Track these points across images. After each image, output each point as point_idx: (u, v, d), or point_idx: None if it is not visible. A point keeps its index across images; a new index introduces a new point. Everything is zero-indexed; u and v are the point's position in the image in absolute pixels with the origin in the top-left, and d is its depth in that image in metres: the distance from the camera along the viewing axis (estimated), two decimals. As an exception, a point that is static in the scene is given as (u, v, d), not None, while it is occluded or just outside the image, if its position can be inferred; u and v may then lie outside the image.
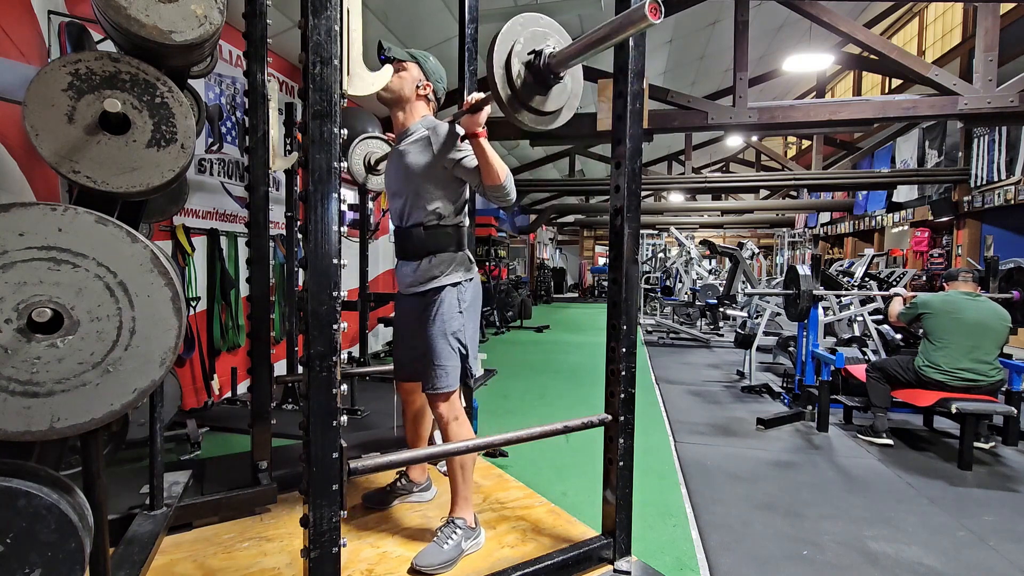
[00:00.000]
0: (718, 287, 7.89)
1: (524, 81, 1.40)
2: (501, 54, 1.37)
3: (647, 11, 1.14)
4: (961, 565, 2.16)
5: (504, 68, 1.38)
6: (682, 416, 4.19)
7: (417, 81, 1.91)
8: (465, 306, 1.91)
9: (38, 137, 1.18)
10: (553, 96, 1.47)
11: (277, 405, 3.84)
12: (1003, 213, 8.63)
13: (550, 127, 1.55)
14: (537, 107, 1.44)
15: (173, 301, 1.19)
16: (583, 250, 23.00)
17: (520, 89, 1.40)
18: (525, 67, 1.40)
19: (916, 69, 4.81)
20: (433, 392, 1.86)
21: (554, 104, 1.47)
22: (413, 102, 1.93)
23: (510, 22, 1.40)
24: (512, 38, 1.39)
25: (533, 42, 1.41)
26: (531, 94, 1.42)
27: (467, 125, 1.70)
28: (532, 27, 1.42)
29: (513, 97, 1.42)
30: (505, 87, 1.40)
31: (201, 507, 2.05)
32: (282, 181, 4.09)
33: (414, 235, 1.89)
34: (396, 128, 1.98)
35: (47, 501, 1.06)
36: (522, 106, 1.43)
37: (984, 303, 3.38)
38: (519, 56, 1.39)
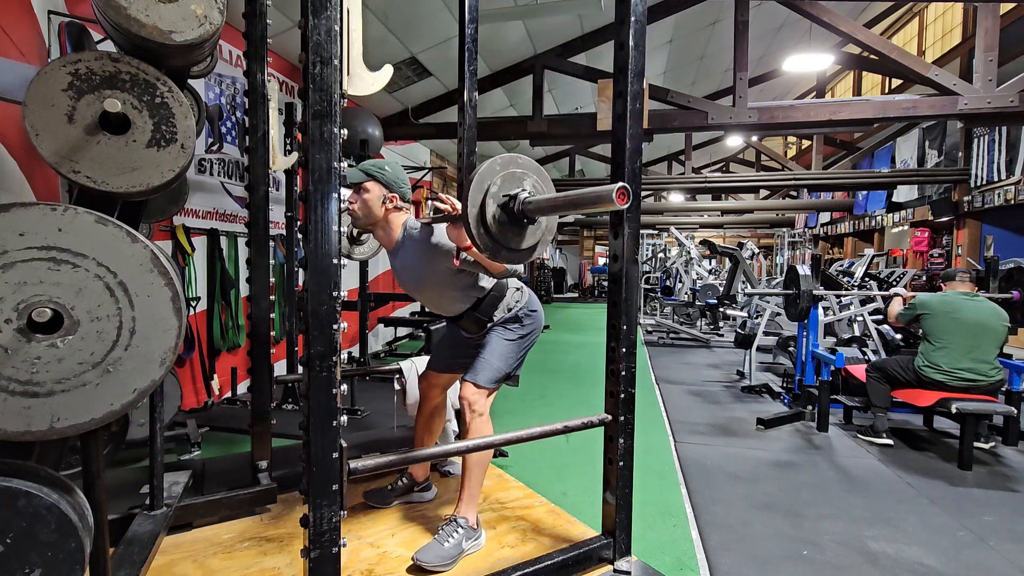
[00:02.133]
0: (718, 287, 7.89)
1: (500, 224, 1.43)
2: (477, 195, 1.41)
3: (615, 196, 1.22)
4: (961, 565, 2.16)
5: (480, 220, 1.42)
6: (682, 416, 4.19)
7: (382, 198, 1.92)
8: (526, 324, 2.05)
9: (38, 137, 1.18)
10: (528, 234, 1.51)
11: (277, 405, 3.84)
12: (1003, 213, 8.63)
13: (526, 260, 1.59)
14: (514, 247, 1.48)
15: (173, 301, 1.19)
16: (583, 250, 22.99)
17: (496, 233, 1.43)
18: (500, 209, 1.44)
19: (916, 69, 4.81)
20: (473, 381, 1.93)
21: (529, 242, 1.51)
22: (387, 218, 1.95)
23: (487, 163, 1.43)
24: (488, 179, 1.42)
25: (509, 183, 1.45)
26: (507, 236, 1.46)
27: (456, 241, 1.73)
28: (510, 167, 1.46)
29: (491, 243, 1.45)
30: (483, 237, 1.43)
31: (201, 507, 2.05)
32: (282, 181, 4.09)
33: (467, 320, 2.02)
34: (383, 244, 2.02)
35: (47, 501, 1.06)
36: (499, 247, 1.47)
37: (983, 303, 3.38)
38: (494, 198, 1.42)
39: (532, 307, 2.07)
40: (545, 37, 6.05)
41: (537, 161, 5.95)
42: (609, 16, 1.80)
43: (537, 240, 1.53)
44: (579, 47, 6.25)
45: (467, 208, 1.38)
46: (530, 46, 6.13)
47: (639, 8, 1.64)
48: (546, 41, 6.14)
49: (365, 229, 2.00)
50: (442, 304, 2.04)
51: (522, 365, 2.07)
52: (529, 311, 2.05)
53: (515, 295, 2.05)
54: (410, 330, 7.51)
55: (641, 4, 1.64)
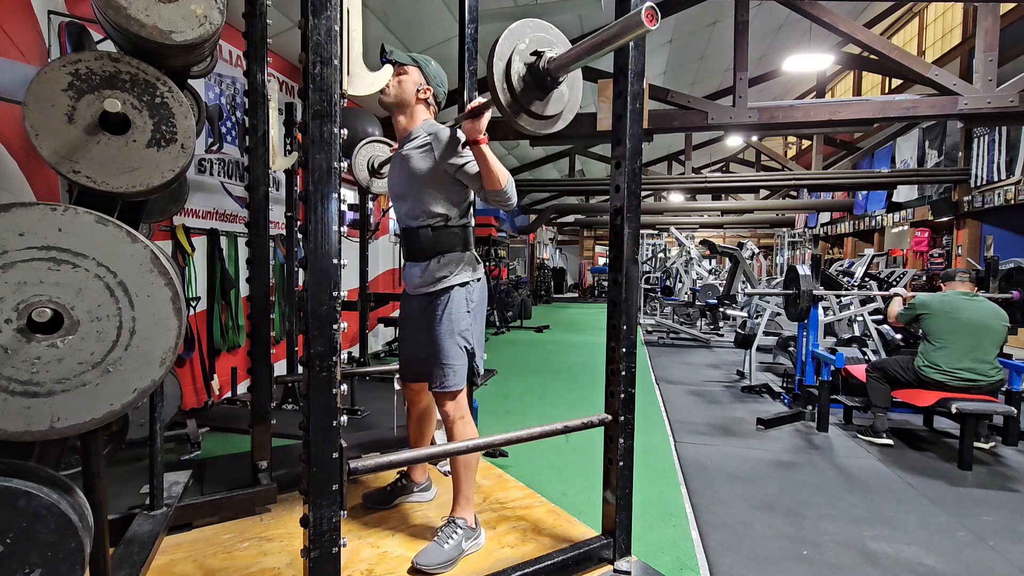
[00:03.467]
0: (718, 287, 7.89)
1: (524, 82, 1.41)
2: (505, 50, 1.38)
3: (643, 17, 1.15)
4: (961, 565, 2.16)
5: (505, 67, 1.39)
6: (682, 416, 4.19)
7: (418, 85, 1.92)
8: (473, 306, 1.93)
9: (38, 137, 1.18)
10: (552, 101, 1.48)
11: (277, 405, 3.84)
12: (1003, 213, 8.63)
13: (547, 131, 1.57)
14: (536, 111, 1.45)
15: (173, 301, 1.19)
16: (583, 250, 23.00)
17: (520, 92, 1.41)
18: (526, 68, 1.41)
19: (916, 69, 4.81)
20: (441, 391, 1.89)
21: (552, 109, 1.48)
22: (414, 106, 1.94)
23: (519, 22, 1.41)
24: (518, 37, 1.40)
25: (537, 44, 1.43)
26: (530, 97, 1.43)
27: (468, 132, 1.69)
28: (540, 32, 1.44)
29: (512, 100, 1.43)
30: (505, 90, 1.41)
31: (201, 507, 2.05)
32: (282, 181, 4.09)
33: (421, 236, 1.90)
34: (398, 132, 1.99)
35: (47, 501, 1.06)
36: (520, 108, 1.43)
37: (982, 303, 3.38)
38: (521, 55, 1.39)
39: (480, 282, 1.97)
40: (545, 37, 6.05)
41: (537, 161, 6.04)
42: (609, 16, 1.79)
43: (559, 111, 1.50)
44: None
45: (492, 67, 1.35)
46: (530, 46, 6.13)
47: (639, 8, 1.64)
48: (546, 41, 6.14)
49: (390, 109, 1.94)
50: (412, 208, 1.92)
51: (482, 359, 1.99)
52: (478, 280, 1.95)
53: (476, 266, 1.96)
54: (410, 330, 7.50)
55: (641, 4, 1.64)
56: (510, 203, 1.82)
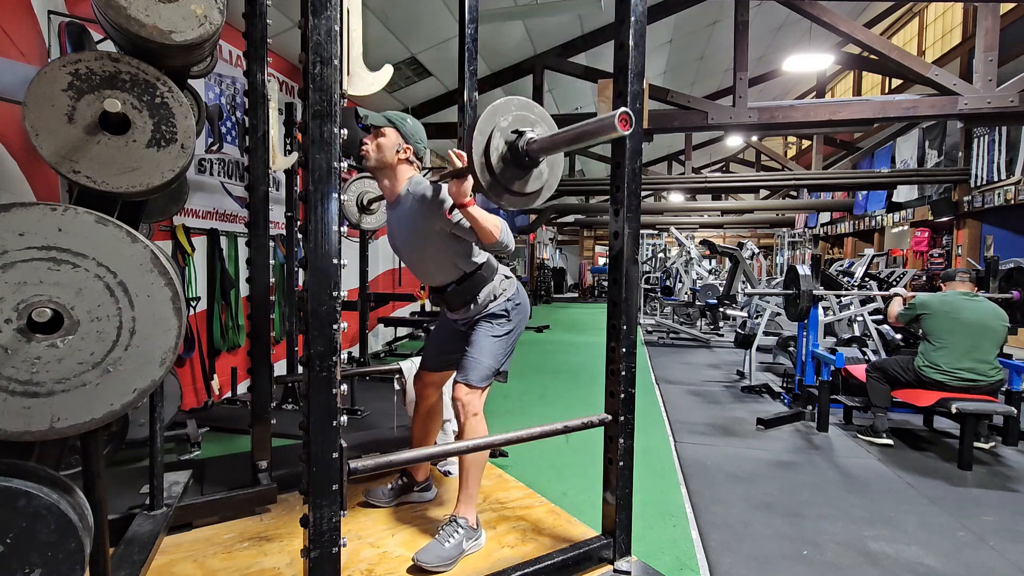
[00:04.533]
0: (718, 287, 7.89)
1: (504, 163, 1.42)
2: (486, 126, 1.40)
3: (616, 122, 1.20)
4: (961, 565, 2.16)
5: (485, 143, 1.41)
6: (682, 416, 4.19)
7: (397, 146, 1.92)
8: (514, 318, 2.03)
9: (38, 137, 1.18)
10: (531, 179, 1.50)
11: (277, 405, 3.84)
12: (1003, 213, 8.63)
13: (527, 207, 1.60)
14: (516, 189, 1.47)
15: (173, 301, 1.19)
16: (583, 250, 23.00)
17: (499, 173, 1.43)
18: (507, 145, 1.42)
19: (916, 69, 4.80)
20: (464, 381, 1.93)
21: (532, 187, 1.50)
22: (396, 167, 1.94)
23: (503, 99, 1.42)
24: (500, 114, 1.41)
25: (519, 123, 1.44)
26: (510, 178, 1.45)
27: (455, 196, 1.70)
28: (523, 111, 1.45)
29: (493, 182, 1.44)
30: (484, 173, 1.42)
31: (201, 507, 2.05)
32: (282, 181, 4.09)
33: (450, 294, 1.99)
34: (385, 194, 2.01)
35: (47, 501, 1.06)
36: (502, 189, 1.46)
37: (982, 303, 3.38)
38: (503, 132, 1.41)
39: (518, 299, 2.05)
40: (545, 37, 6.05)
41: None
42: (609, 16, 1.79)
43: (540, 187, 1.52)
44: (579, 47, 6.26)
45: (472, 142, 1.36)
46: (530, 46, 6.13)
47: (639, 8, 1.64)
48: (546, 41, 6.14)
49: (374, 172, 1.97)
50: (428, 271, 2.01)
51: (510, 359, 2.06)
52: (515, 304, 2.04)
53: (503, 283, 2.03)
54: (410, 330, 7.51)
55: (641, 4, 1.64)
56: (508, 250, 1.85)
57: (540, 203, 1.59)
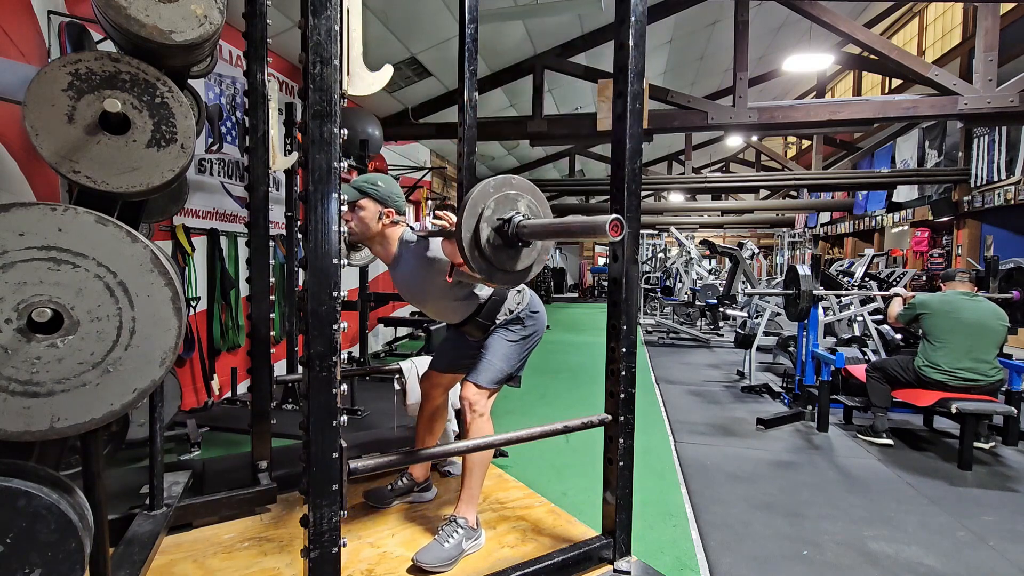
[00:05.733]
0: (718, 287, 7.88)
1: (494, 248, 1.43)
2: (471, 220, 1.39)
3: (608, 228, 1.23)
4: (961, 565, 2.16)
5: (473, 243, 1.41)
6: (682, 416, 4.19)
7: (378, 214, 1.91)
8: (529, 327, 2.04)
9: (38, 137, 1.18)
10: (523, 256, 1.50)
11: (277, 405, 3.84)
12: (1003, 213, 8.63)
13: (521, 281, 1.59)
14: (507, 268, 1.48)
15: (173, 301, 1.19)
16: (583, 250, 22.99)
17: (491, 257, 1.43)
18: (495, 232, 1.42)
19: (916, 69, 4.81)
20: (475, 381, 1.94)
21: (524, 263, 1.51)
22: (383, 232, 1.95)
23: (481, 185, 1.41)
24: (482, 202, 1.40)
25: (501, 206, 1.43)
26: (502, 259, 1.45)
27: (451, 256, 1.70)
28: (504, 190, 1.43)
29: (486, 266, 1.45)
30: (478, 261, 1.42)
31: (201, 507, 2.05)
32: (282, 181, 4.09)
33: (469, 327, 2.03)
34: (382, 258, 2.03)
35: (47, 501, 1.06)
36: (494, 269, 1.46)
37: (982, 303, 3.38)
38: (488, 221, 1.40)
39: (534, 308, 2.07)
40: (545, 37, 6.05)
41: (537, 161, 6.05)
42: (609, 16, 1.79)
43: (532, 261, 1.53)
44: (579, 47, 6.25)
45: (461, 234, 1.38)
46: (530, 46, 6.13)
47: (639, 8, 1.64)
48: (546, 41, 6.14)
49: (363, 244, 2.01)
50: (444, 313, 2.05)
51: (524, 366, 2.07)
52: (531, 312, 2.05)
53: (516, 297, 2.05)
54: (410, 330, 7.51)
55: (641, 4, 1.64)
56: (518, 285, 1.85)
57: (531, 278, 1.60)
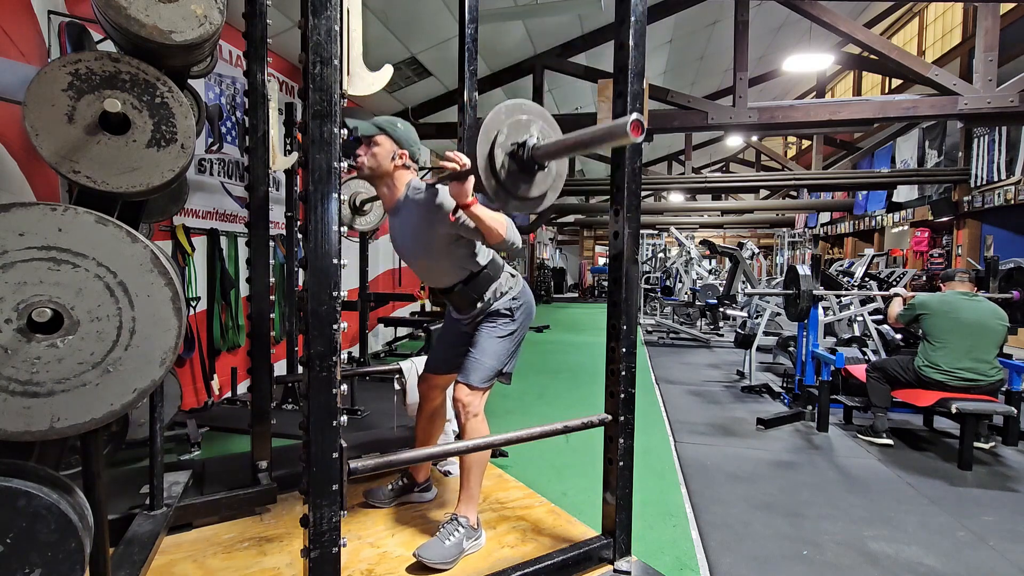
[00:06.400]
0: (718, 287, 7.89)
1: (508, 171, 1.41)
2: (485, 144, 1.38)
3: (628, 129, 1.17)
4: (961, 565, 2.16)
5: (488, 159, 1.38)
6: (682, 416, 4.19)
7: (392, 153, 1.89)
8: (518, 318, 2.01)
9: (38, 137, 1.18)
10: (537, 182, 1.48)
11: (277, 405, 3.84)
12: (1003, 213, 8.62)
13: (535, 210, 1.57)
14: (522, 194, 1.46)
15: (173, 301, 1.19)
16: (583, 250, 22.99)
17: (505, 179, 1.41)
18: (509, 157, 1.41)
19: (916, 69, 4.80)
20: (466, 382, 1.92)
21: (538, 190, 1.49)
22: (393, 174, 1.91)
23: (493, 111, 1.40)
24: (496, 127, 1.39)
25: (516, 131, 1.42)
26: (516, 183, 1.43)
27: (456, 196, 1.67)
28: (516, 115, 1.42)
29: (498, 187, 1.42)
30: (490, 178, 1.40)
31: (201, 507, 2.05)
32: (282, 181, 4.09)
33: (457, 294, 1.98)
34: (385, 201, 1.99)
35: (47, 501, 1.06)
36: (508, 195, 1.44)
37: (982, 303, 3.38)
38: (502, 147, 1.39)
39: (523, 299, 2.04)
40: (545, 37, 6.05)
41: (537, 161, 5.64)
42: (609, 16, 1.79)
43: (547, 188, 1.50)
44: (579, 47, 6.25)
45: (475, 159, 1.35)
46: (530, 46, 6.13)
47: (639, 8, 1.64)
48: (546, 41, 6.14)
49: (372, 181, 1.95)
50: (433, 273, 2.00)
51: (515, 361, 2.05)
52: (520, 304, 2.02)
53: (509, 280, 2.02)
54: (410, 330, 7.51)
55: (641, 4, 1.64)
56: (515, 248, 1.82)
57: (547, 205, 1.56)
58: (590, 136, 1.29)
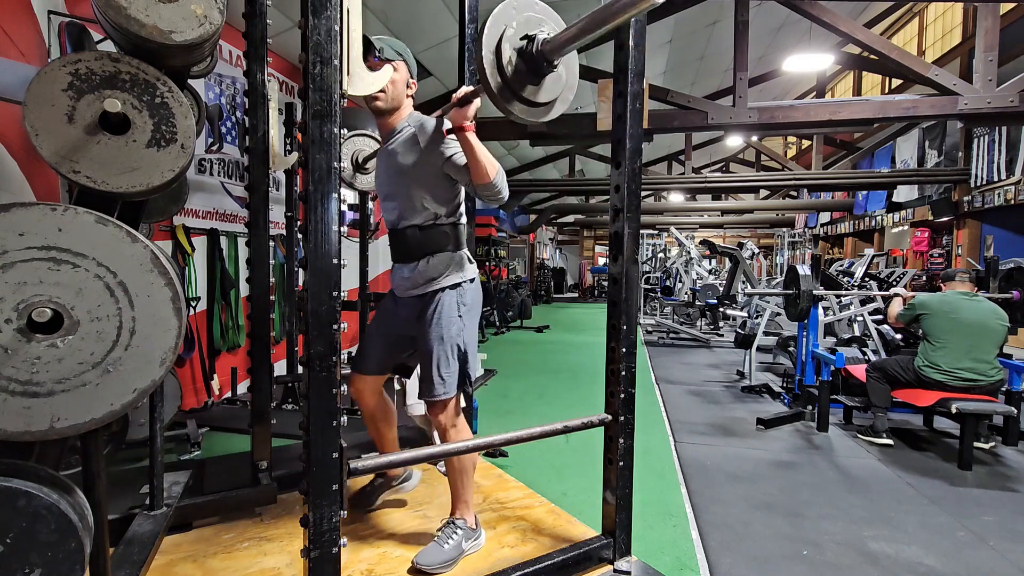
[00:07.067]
0: (718, 287, 7.89)
1: (516, 68, 1.30)
2: (492, 38, 1.28)
3: None
4: (961, 565, 2.16)
5: (494, 54, 1.28)
6: (682, 416, 4.19)
7: (407, 80, 1.85)
8: (465, 309, 1.85)
9: (38, 137, 1.18)
10: (546, 86, 1.37)
11: (277, 405, 3.84)
12: (1003, 213, 8.63)
13: (542, 119, 1.47)
14: (529, 97, 1.34)
15: (173, 301, 1.19)
16: (583, 250, 23.00)
17: (511, 77, 1.30)
18: (517, 53, 1.31)
19: (916, 69, 4.80)
20: (431, 400, 1.82)
21: (547, 95, 1.38)
22: (403, 104, 1.86)
23: (502, 5, 1.30)
24: (504, 22, 1.29)
25: (526, 27, 1.32)
26: (523, 83, 1.32)
27: (454, 119, 1.62)
28: (526, 12, 1.32)
29: (503, 85, 1.32)
30: (495, 74, 1.30)
31: (201, 507, 2.05)
32: (282, 181, 4.09)
33: (409, 236, 1.82)
34: (383, 130, 1.91)
35: (47, 501, 1.06)
36: (513, 96, 1.33)
37: (982, 303, 3.38)
38: (511, 41, 1.29)
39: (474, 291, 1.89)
40: (545, 37, 6.05)
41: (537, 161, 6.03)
42: (609, 16, 1.78)
43: (556, 96, 1.40)
44: (579, 47, 6.25)
45: (481, 53, 1.26)
46: (530, 46, 6.13)
47: (639, 8, 1.63)
48: (546, 41, 6.14)
49: (379, 116, 1.86)
50: (400, 206, 1.84)
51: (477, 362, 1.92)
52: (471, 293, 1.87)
53: (467, 265, 1.88)
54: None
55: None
56: (500, 196, 1.74)
57: (556, 115, 1.43)
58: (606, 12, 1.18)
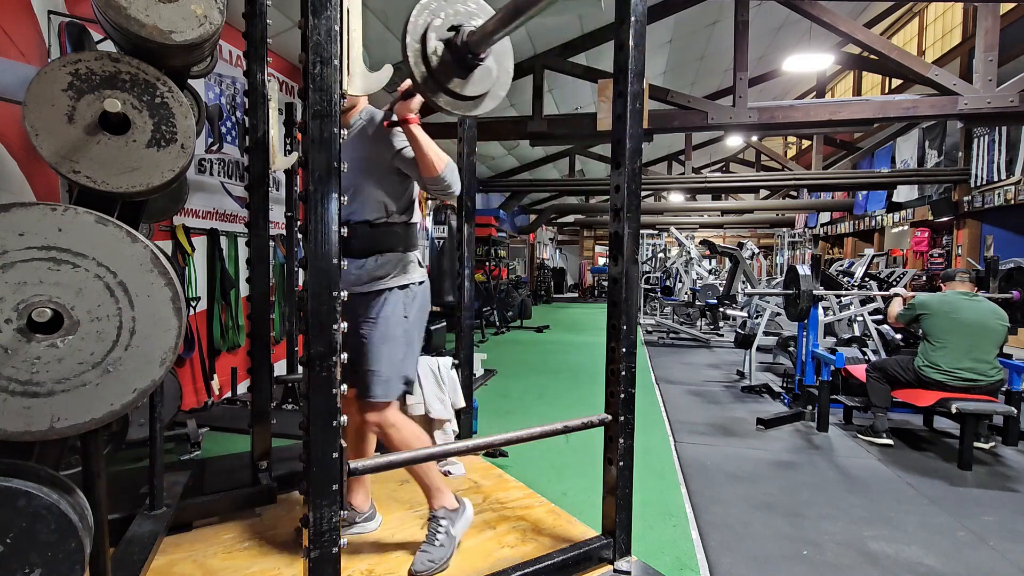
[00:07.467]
0: (718, 287, 7.89)
1: (442, 59, 1.29)
2: (417, 27, 1.26)
3: None
4: (961, 565, 2.16)
5: (419, 43, 1.27)
6: (682, 416, 4.19)
7: None
8: (411, 311, 1.82)
9: (38, 137, 1.18)
10: (475, 80, 1.35)
11: (277, 405, 3.84)
12: (1003, 213, 8.62)
13: (472, 113, 1.45)
14: (455, 90, 1.32)
15: (173, 301, 1.19)
16: (583, 250, 22.99)
17: (436, 68, 1.28)
18: (444, 44, 1.29)
19: (916, 69, 4.80)
20: (366, 400, 1.75)
21: (475, 89, 1.36)
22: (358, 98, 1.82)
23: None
24: (431, 12, 1.27)
25: (456, 19, 1.30)
26: (449, 75, 1.30)
27: (399, 111, 1.62)
28: (457, 4, 1.30)
29: (428, 76, 1.30)
30: (419, 63, 1.28)
31: (201, 507, 2.05)
32: (282, 181, 4.09)
33: (359, 233, 1.76)
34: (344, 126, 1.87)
35: (47, 501, 1.06)
36: (439, 87, 1.31)
37: (982, 303, 3.38)
38: (437, 31, 1.27)
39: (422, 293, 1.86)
40: (545, 37, 6.04)
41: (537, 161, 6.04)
42: (609, 16, 1.78)
43: (485, 91, 1.38)
44: (579, 47, 6.25)
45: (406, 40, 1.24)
46: (530, 46, 6.13)
47: (639, 8, 1.64)
48: (546, 41, 6.14)
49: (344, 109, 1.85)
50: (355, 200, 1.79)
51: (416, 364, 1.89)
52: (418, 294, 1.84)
53: (417, 268, 1.86)
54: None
55: (641, 4, 1.64)
56: (450, 191, 1.72)
57: (486, 110, 1.42)
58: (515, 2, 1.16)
